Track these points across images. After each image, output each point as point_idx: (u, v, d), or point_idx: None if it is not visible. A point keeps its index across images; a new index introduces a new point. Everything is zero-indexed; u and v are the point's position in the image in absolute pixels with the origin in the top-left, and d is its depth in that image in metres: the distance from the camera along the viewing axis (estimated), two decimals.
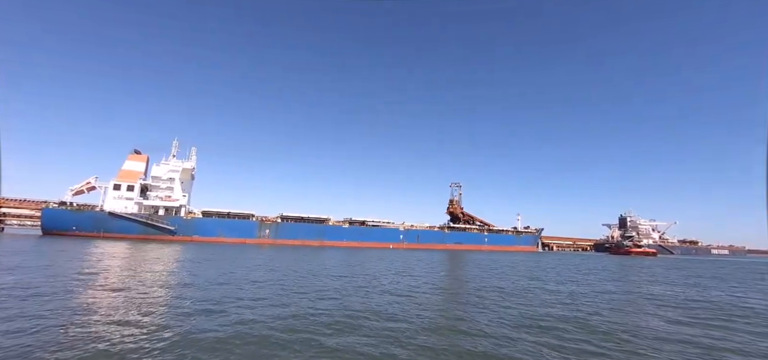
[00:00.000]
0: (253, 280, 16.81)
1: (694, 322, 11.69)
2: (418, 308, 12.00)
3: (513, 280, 22.08)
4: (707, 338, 9.55)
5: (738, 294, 19.82)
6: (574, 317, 11.61)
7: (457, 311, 11.90)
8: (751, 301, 17.09)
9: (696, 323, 11.47)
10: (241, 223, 66.09)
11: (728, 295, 19.29)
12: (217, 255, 32.48)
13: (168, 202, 62.68)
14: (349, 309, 11.35)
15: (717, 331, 10.49)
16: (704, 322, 11.75)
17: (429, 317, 10.77)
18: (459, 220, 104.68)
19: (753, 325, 11.54)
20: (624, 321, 11.41)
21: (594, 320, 11.29)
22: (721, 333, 10.23)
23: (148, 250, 35.11)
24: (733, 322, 11.95)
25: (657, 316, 12.59)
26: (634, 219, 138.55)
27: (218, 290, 13.73)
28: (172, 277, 17.01)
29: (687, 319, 12.16)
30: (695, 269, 41.81)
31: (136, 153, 70.54)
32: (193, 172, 72.61)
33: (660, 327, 10.82)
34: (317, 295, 13.92)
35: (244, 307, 10.98)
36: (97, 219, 57.73)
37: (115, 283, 14.63)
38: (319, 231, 72.29)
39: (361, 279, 19.38)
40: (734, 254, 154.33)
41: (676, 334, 9.96)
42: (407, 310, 11.65)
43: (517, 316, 11.37)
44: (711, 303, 16.07)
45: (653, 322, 11.43)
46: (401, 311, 11.34)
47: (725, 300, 17.17)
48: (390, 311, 11.26)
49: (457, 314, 11.42)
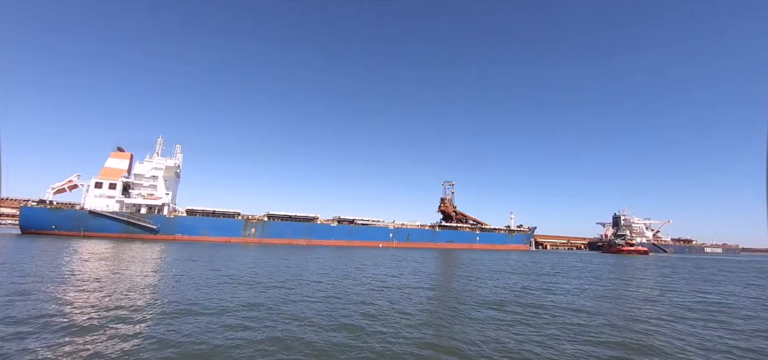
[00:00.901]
0: (229, 282, 16.47)
1: (622, 322, 12.52)
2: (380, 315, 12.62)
3: (474, 278, 22.93)
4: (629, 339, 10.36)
5: (702, 292, 20.83)
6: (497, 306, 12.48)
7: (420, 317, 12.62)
8: (711, 297, 18.07)
9: (622, 326, 12.30)
10: (226, 222, 66.13)
11: (686, 294, 20.27)
12: (198, 254, 32.77)
13: (150, 200, 62.49)
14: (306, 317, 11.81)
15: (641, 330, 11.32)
16: (638, 320, 12.60)
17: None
18: (452, 219, 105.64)
19: (690, 323, 12.41)
20: (547, 316, 12.24)
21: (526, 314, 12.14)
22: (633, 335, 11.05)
23: (127, 249, 35.24)
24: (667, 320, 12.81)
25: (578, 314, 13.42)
26: (627, 217, 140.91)
27: (191, 293, 13.60)
28: (146, 278, 16.93)
29: (617, 319, 12.99)
30: (680, 267, 43.08)
31: (119, 150, 70.16)
32: (177, 169, 72.48)
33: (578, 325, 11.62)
34: (286, 296, 14.41)
35: (214, 310, 10.73)
36: (77, 218, 57.51)
37: (82, 284, 14.43)
38: (307, 230, 72.61)
39: (330, 287, 19.91)
40: (728, 252, 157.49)
41: (594, 332, 10.76)
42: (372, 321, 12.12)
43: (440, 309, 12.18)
44: (649, 301, 17.00)
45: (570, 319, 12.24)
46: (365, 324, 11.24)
47: (679, 301, 18.12)
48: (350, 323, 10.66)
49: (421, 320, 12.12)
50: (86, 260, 23.25)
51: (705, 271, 37.62)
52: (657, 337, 9.69)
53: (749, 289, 21.92)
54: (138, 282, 15.50)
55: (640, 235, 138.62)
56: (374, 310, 11.69)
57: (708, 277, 29.62)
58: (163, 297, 12.60)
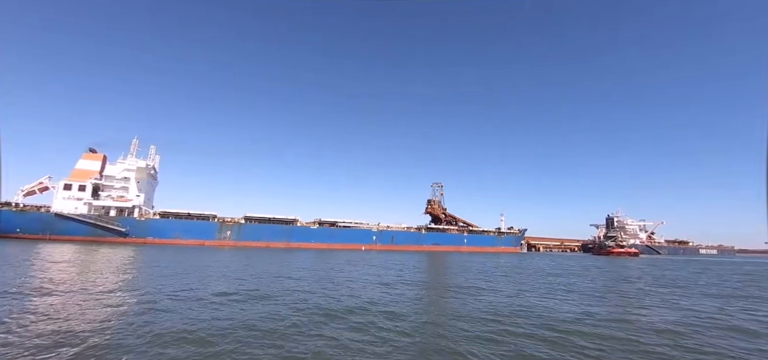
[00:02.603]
0: (179, 289, 16.17)
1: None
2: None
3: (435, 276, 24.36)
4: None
5: (655, 304, 22.33)
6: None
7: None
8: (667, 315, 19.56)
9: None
10: (199, 224, 66.67)
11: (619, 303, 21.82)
12: (165, 257, 33.78)
13: (120, 202, 62.86)
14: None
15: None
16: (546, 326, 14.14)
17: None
18: (440, 221, 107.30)
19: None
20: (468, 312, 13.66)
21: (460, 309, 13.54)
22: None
23: (92, 253, 35.63)
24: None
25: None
26: (621, 219, 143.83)
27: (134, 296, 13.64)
28: (98, 282, 16.87)
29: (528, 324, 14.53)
30: (663, 269, 45.02)
31: (91, 151, 70.46)
32: (151, 171, 73.01)
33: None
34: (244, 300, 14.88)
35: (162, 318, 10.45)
36: (43, 220, 57.73)
37: (24, 289, 14.15)
38: (285, 232, 73.35)
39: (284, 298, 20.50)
40: (723, 254, 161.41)
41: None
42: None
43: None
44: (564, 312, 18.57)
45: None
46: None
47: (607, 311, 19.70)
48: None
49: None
50: (41, 265, 24.13)
51: (681, 274, 38.38)
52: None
53: (729, 303, 17.40)
54: (90, 286, 15.38)
55: (633, 236, 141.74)
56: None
57: (683, 284, 25.58)
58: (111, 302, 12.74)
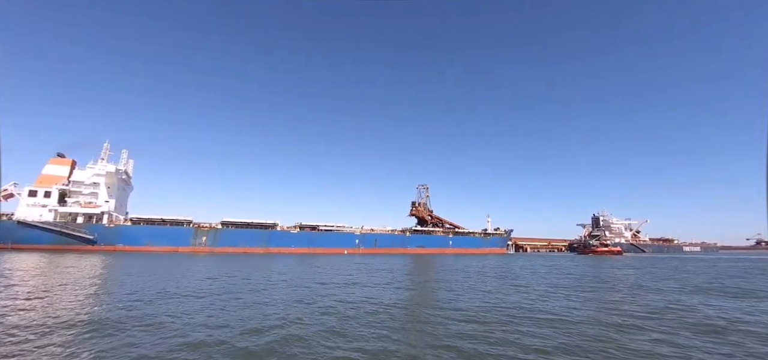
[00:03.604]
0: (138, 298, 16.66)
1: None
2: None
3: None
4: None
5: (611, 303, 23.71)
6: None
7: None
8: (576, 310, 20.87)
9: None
10: (172, 230, 65.90)
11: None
12: (131, 266, 33.75)
13: (88, 208, 61.71)
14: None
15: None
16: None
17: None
18: (427, 223, 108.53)
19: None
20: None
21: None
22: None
23: (56, 261, 35.14)
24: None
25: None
26: (606, 218, 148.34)
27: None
28: (56, 292, 16.93)
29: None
30: (639, 266, 47.17)
31: (59, 156, 69.03)
32: (124, 176, 71.92)
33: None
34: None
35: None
36: (4, 228, 56.22)
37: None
38: (264, 237, 72.99)
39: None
40: (706, 251, 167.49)
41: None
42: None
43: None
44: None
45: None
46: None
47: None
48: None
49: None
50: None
51: (659, 272, 40.30)
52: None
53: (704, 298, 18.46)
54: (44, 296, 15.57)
55: (618, 235, 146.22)
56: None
57: (654, 281, 26.76)
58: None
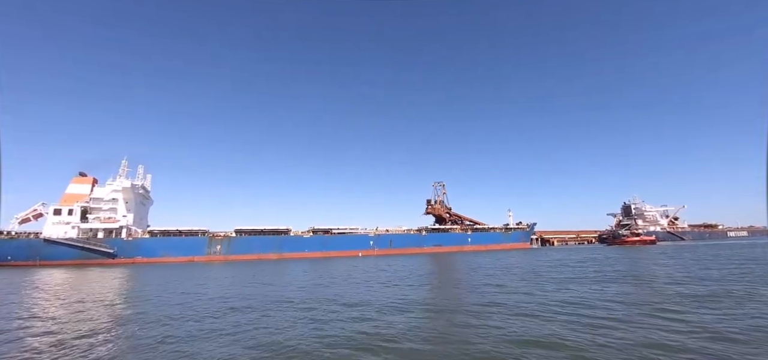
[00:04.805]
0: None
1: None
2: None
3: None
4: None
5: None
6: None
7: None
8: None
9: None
10: (188, 241, 68.74)
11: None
12: (147, 277, 35.93)
13: (108, 223, 65.50)
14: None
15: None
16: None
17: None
18: (445, 221, 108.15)
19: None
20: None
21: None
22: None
23: (79, 276, 37.59)
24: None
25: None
26: (639, 206, 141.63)
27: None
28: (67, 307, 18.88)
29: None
30: (675, 256, 45.59)
31: (81, 175, 73.90)
32: (141, 190, 75.85)
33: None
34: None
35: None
36: (33, 247, 60.54)
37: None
38: (277, 243, 74.77)
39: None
40: (754, 235, 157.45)
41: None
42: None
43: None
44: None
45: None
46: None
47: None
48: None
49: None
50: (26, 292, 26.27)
51: (695, 262, 38.53)
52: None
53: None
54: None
55: (653, 223, 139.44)
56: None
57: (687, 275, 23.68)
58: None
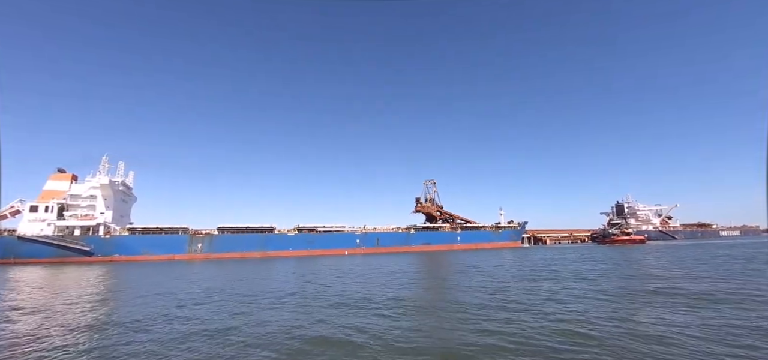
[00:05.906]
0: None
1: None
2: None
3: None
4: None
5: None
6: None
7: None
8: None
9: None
10: (168, 239, 68.81)
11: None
12: (122, 275, 36.28)
13: (85, 221, 65.44)
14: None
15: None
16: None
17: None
18: (435, 220, 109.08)
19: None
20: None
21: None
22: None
23: (52, 274, 37.65)
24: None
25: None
26: (631, 205, 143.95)
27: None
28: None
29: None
30: (651, 257, 47.00)
31: (59, 172, 73.65)
32: (121, 187, 75.91)
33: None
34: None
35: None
36: (7, 244, 60.50)
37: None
38: (260, 242, 75.05)
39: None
40: (746, 235, 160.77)
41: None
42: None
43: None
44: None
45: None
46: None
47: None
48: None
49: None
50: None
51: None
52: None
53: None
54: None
55: (645, 222, 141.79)
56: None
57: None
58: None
